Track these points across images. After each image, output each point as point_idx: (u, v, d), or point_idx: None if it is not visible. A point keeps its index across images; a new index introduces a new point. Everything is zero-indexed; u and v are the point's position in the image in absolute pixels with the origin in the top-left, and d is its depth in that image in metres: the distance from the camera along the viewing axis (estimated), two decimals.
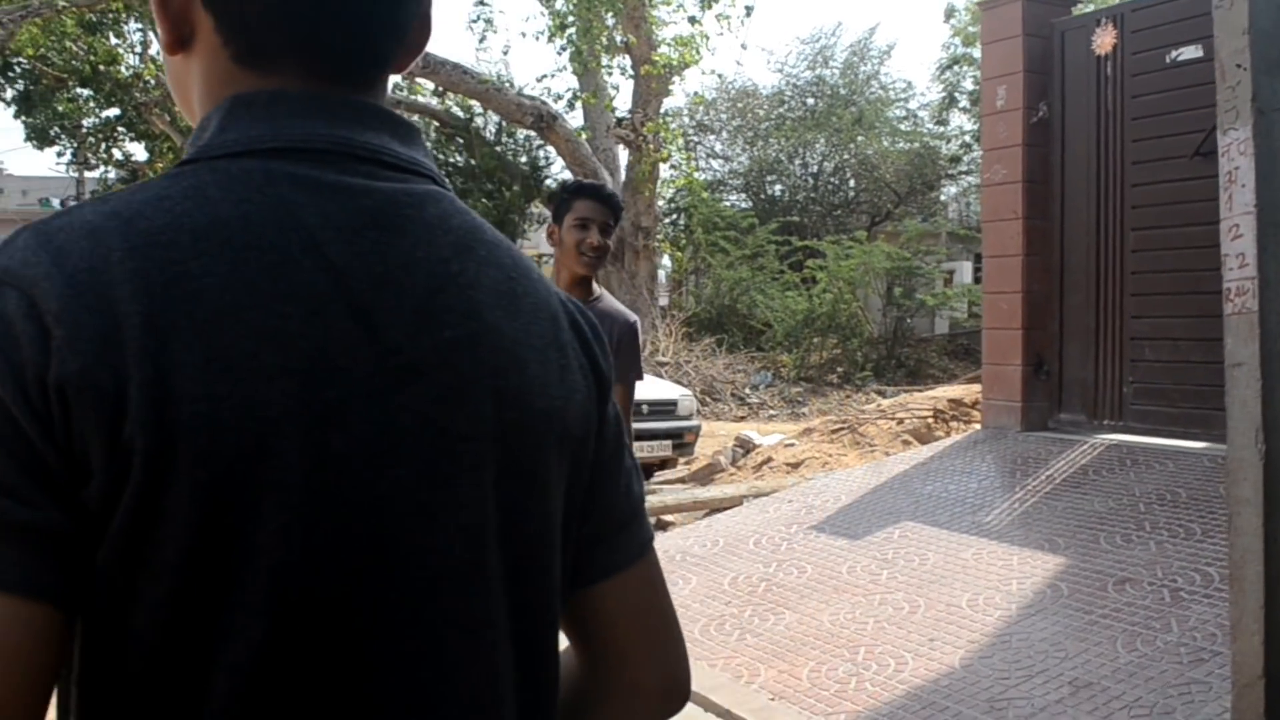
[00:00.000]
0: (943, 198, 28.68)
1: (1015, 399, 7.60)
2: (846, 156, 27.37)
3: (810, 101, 28.02)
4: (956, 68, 27.19)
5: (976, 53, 21.25)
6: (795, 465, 9.18)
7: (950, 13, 27.27)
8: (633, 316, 3.70)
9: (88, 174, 30.83)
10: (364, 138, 0.85)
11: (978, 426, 8.25)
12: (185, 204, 0.77)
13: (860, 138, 26.67)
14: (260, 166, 0.80)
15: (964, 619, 4.70)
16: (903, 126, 27.76)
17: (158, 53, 25.16)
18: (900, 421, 9.66)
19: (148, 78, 23.43)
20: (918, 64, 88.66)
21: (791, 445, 9.79)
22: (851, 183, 28.03)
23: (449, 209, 0.87)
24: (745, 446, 10.41)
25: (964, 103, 27.21)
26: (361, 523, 0.78)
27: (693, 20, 16.67)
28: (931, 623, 4.71)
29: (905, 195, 26.99)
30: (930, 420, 9.60)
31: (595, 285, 3.70)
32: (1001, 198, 7.70)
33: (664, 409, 10.87)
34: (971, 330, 19.82)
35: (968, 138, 26.48)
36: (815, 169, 27.85)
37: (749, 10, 17.13)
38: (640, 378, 3.68)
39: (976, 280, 20.11)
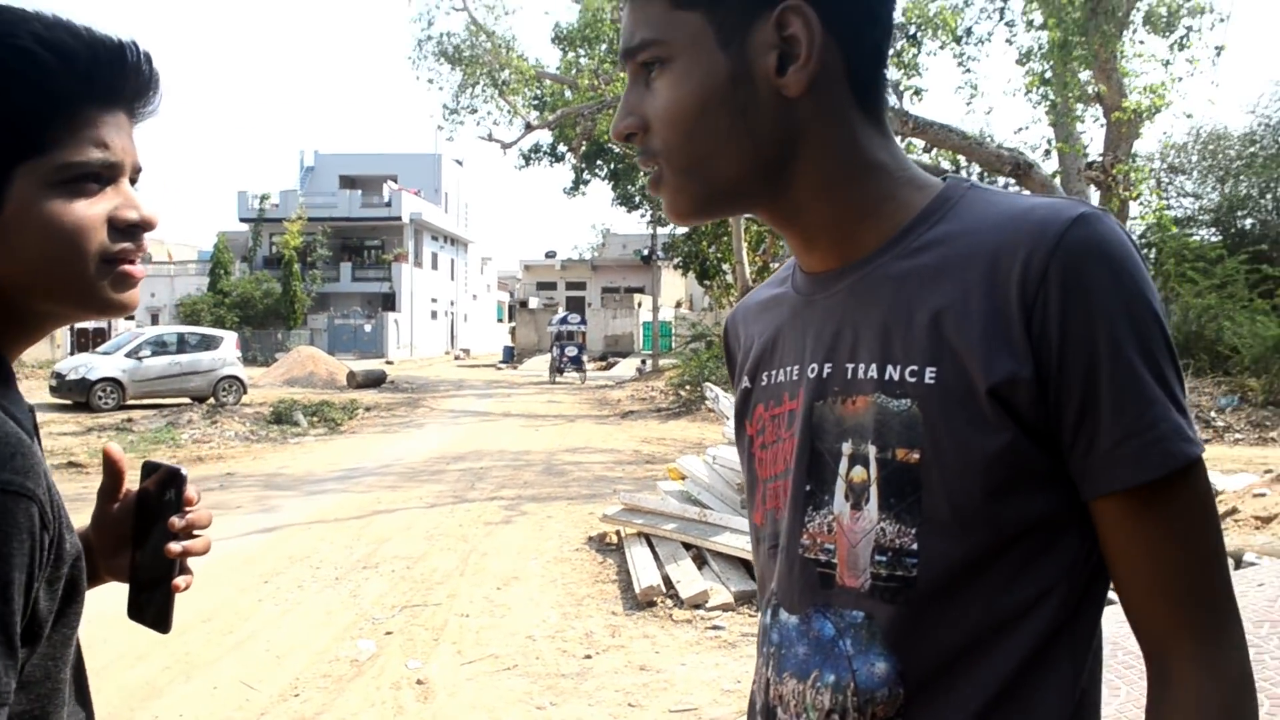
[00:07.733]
0: None
1: None
2: None
3: None
4: None
5: None
6: (1266, 520, 7.47)
7: None
8: None
9: (660, 229, 41.57)
10: None
11: None
12: None
13: None
14: None
15: None
16: None
17: None
18: None
19: None
20: None
21: (1262, 495, 8.08)
22: None
23: None
24: None
25: None
26: None
27: (1165, 64, 17.25)
28: None
29: None
30: None
31: None
32: None
33: None
34: None
35: None
36: None
37: (1219, 50, 17.85)
38: None
39: None
